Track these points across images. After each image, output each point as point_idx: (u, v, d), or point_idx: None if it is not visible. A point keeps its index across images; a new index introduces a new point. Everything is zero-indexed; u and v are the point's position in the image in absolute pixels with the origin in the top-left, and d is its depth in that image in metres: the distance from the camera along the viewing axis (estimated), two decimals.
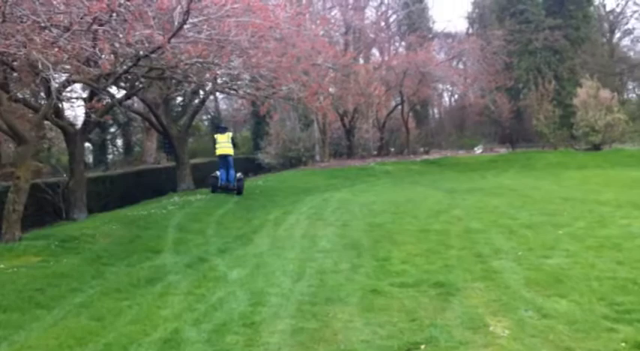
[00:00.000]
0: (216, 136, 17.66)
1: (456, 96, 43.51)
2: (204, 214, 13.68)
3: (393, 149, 31.93)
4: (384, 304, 6.21)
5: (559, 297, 6.03)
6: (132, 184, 20.02)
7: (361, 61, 31.21)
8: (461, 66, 33.26)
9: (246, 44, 10.92)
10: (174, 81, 17.19)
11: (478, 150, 30.04)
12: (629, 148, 26.45)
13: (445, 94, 42.46)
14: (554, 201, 13.13)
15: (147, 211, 13.64)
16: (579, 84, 27.85)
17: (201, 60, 10.61)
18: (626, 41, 48.04)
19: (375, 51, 36.36)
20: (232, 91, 16.11)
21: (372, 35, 31.73)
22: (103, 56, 9.19)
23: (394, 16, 37.21)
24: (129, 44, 9.24)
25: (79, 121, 19.53)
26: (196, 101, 20.88)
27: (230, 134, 17.66)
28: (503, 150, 29.68)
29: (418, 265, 7.79)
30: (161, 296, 7.14)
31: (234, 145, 17.88)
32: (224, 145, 17.32)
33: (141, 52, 9.89)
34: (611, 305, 5.65)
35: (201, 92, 20.51)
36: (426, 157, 28.80)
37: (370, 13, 36.48)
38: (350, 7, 29.54)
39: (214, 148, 17.66)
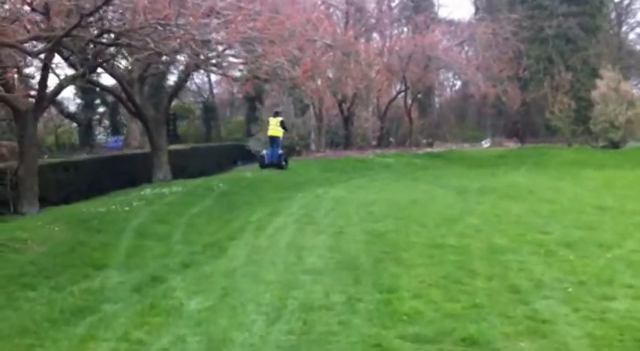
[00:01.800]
0: (269, 119, 20.47)
1: (458, 86, 41.50)
2: (174, 214, 11.75)
3: (393, 140, 29.99)
4: None
5: None
6: (101, 172, 17.78)
7: (362, 46, 29.14)
8: (469, 53, 31.12)
9: (222, 3, 8.89)
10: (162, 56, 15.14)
11: (486, 144, 28.11)
12: None
13: (446, 84, 40.29)
14: (585, 209, 11.24)
15: (106, 208, 11.67)
16: (598, 75, 25.87)
17: (162, 21, 8.59)
18: (632, 35, 46.39)
19: (375, 35, 34.23)
20: (213, 68, 14.07)
21: (373, 20, 29.61)
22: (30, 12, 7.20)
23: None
24: None
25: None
26: (176, 80, 18.81)
27: (280, 119, 20.13)
28: (512, 144, 27.74)
29: (436, 303, 5.88)
30: (82, 342, 5.22)
31: (284, 128, 20.31)
32: (273, 127, 20.00)
33: (87, 5, 7.87)
34: None
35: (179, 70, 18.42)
36: (429, 149, 26.89)
37: None
38: None
39: (267, 130, 20.48)
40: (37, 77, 15.50)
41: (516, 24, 27.67)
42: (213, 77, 36.08)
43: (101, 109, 37.08)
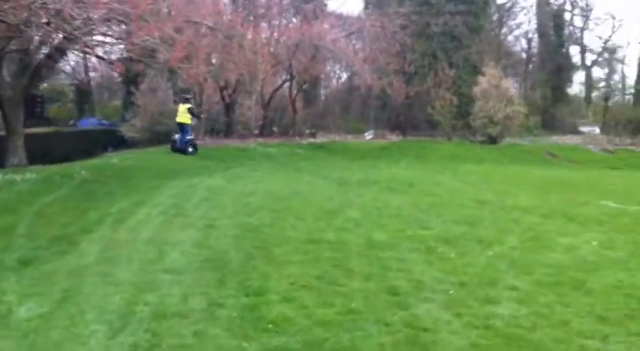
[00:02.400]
0: (179, 105, 20.43)
1: (344, 78, 41.47)
2: (24, 203, 10.43)
3: (276, 129, 29.34)
4: None
5: None
6: None
7: (249, 35, 28.15)
8: (357, 46, 30.90)
9: None
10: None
11: (369, 136, 28.08)
12: (524, 143, 25.41)
13: (332, 75, 40.08)
14: (466, 203, 11.11)
15: None
16: (480, 72, 26.51)
17: None
18: (510, 37, 48.71)
19: (264, 25, 33.33)
20: (76, 44, 12.70)
21: (262, 10, 28.73)
22: None
23: None
24: None
25: None
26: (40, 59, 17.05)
27: (189, 106, 20.43)
28: (394, 137, 27.90)
29: (307, 308, 5.25)
30: None
31: (193, 114, 20.59)
32: (181, 114, 20.31)
33: None
34: None
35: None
36: (312, 140, 26.46)
37: None
38: None
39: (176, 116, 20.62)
40: None
41: (405, 18, 27.80)
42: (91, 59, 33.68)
43: None
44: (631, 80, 46.83)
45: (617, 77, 50.40)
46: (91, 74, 38.65)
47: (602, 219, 9.35)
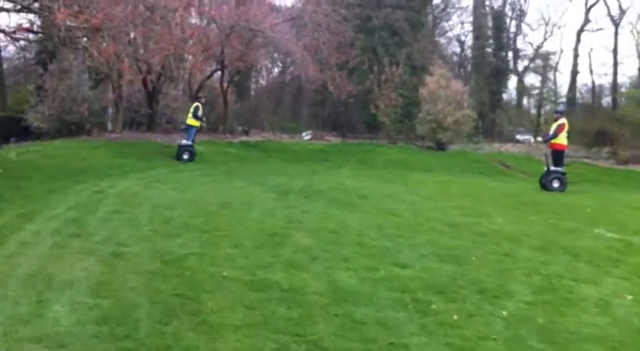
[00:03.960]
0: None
1: (276, 72, 39.22)
2: None
3: (205, 125, 26.88)
4: None
5: None
6: None
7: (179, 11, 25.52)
8: (298, 35, 28.66)
9: None
10: None
11: (306, 136, 26.06)
12: (471, 151, 23.92)
13: (266, 67, 37.68)
14: (437, 227, 9.30)
15: None
16: (427, 71, 24.96)
17: None
18: (442, 39, 48.18)
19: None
20: None
21: None
22: None
23: None
24: None
25: None
26: None
27: (196, 104, 18.82)
28: (333, 139, 25.99)
29: None
30: None
31: (196, 117, 18.53)
32: (188, 115, 18.62)
33: None
34: None
35: None
36: (245, 138, 24.25)
37: None
38: None
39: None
40: None
41: (349, 9, 25.91)
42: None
43: None
44: (564, 89, 47.04)
45: (550, 85, 50.58)
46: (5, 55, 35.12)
47: (610, 255, 7.75)
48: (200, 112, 18.85)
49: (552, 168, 15.39)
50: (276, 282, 5.95)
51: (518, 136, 39.76)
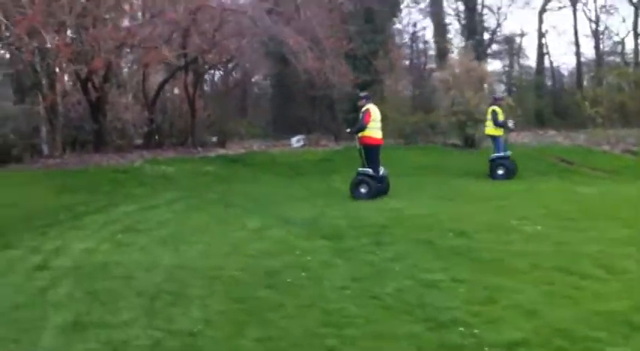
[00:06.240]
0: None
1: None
2: None
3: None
4: None
5: None
6: None
7: None
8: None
9: None
10: None
11: (297, 143, 21.38)
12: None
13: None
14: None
15: None
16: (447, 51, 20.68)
17: None
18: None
19: None
20: None
21: None
22: None
23: None
24: None
25: None
26: None
27: (492, 108, 15.17)
28: (331, 144, 21.37)
29: None
30: None
31: (497, 123, 15.11)
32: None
33: None
34: None
35: None
36: (222, 151, 19.43)
37: None
38: None
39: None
40: None
41: None
42: None
43: None
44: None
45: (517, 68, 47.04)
46: None
47: None
48: (501, 117, 15.09)
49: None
50: None
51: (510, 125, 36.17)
